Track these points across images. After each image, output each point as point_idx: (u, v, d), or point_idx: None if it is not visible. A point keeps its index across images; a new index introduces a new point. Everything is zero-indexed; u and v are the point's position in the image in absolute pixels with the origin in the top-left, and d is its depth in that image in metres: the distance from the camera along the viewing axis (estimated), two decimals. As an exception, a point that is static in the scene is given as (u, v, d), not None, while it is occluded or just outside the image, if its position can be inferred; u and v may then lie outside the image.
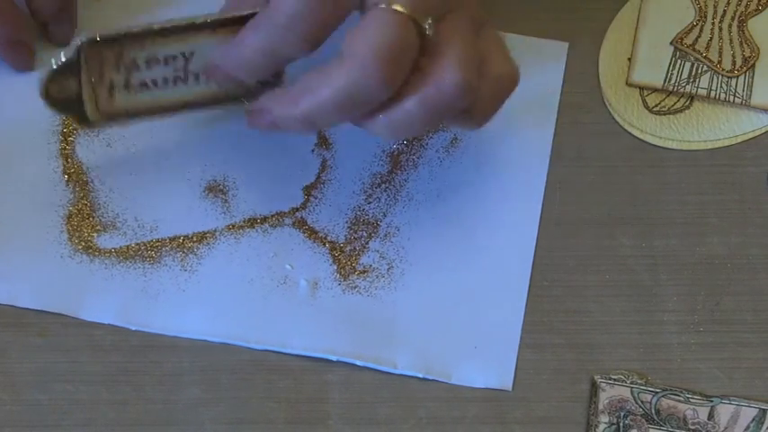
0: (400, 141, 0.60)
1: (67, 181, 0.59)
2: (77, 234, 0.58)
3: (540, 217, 0.59)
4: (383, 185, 0.59)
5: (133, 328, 0.56)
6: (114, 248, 0.58)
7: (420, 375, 0.56)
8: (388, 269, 0.58)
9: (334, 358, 0.56)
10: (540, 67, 0.61)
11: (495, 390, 0.56)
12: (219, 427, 0.55)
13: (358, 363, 0.56)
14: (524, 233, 0.59)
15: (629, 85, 0.61)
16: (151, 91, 0.55)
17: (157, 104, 0.55)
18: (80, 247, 0.58)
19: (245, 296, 0.57)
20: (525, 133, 0.60)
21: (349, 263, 0.58)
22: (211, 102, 0.56)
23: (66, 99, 0.54)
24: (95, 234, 0.58)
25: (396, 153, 0.60)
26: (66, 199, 0.59)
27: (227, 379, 0.56)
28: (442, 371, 0.56)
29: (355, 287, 0.58)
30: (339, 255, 0.58)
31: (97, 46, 0.53)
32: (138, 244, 0.58)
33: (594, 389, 0.56)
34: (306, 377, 0.56)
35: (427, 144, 0.60)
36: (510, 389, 0.56)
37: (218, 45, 0.54)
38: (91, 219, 0.58)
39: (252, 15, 0.53)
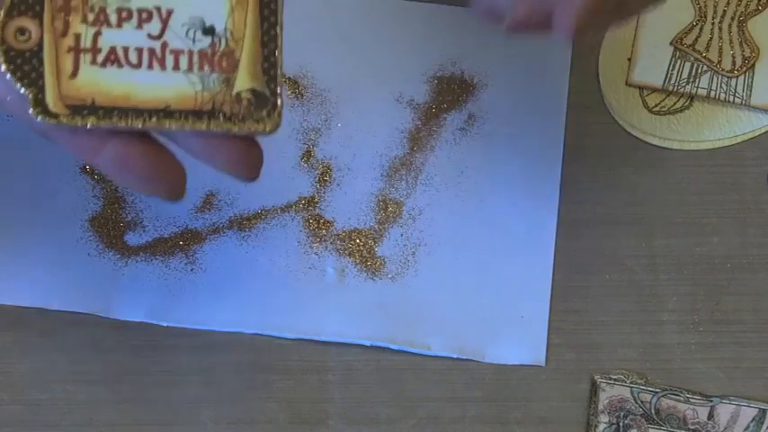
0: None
1: (89, 177, 0.59)
2: (104, 232, 0.58)
3: (541, 216, 0.59)
4: (403, 168, 0.59)
5: (165, 325, 0.57)
6: (141, 245, 0.58)
7: (454, 356, 0.57)
8: (413, 252, 0.58)
9: (367, 343, 0.56)
10: (548, 45, 0.61)
11: (496, 389, 0.56)
12: (219, 427, 0.55)
13: (392, 347, 0.56)
14: (545, 205, 0.59)
15: (629, 85, 0.61)
16: (122, 70, 0.46)
17: (128, 97, 0.46)
18: (107, 245, 0.57)
19: (275, 287, 0.57)
20: (539, 109, 0.60)
21: (375, 248, 0.58)
22: (192, 115, 0.46)
23: (24, 52, 0.46)
24: (122, 231, 0.58)
25: (413, 134, 0.60)
26: (89, 196, 0.58)
27: (227, 379, 0.56)
28: (475, 350, 0.57)
29: (383, 272, 0.58)
30: (365, 240, 0.58)
31: None
32: (164, 239, 0.58)
33: (594, 389, 0.56)
34: (306, 377, 0.56)
35: (443, 124, 0.60)
36: (543, 364, 0.57)
37: (196, 1, 0.46)
38: (117, 216, 0.58)
39: None
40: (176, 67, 0.46)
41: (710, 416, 0.55)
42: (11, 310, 0.56)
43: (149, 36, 0.46)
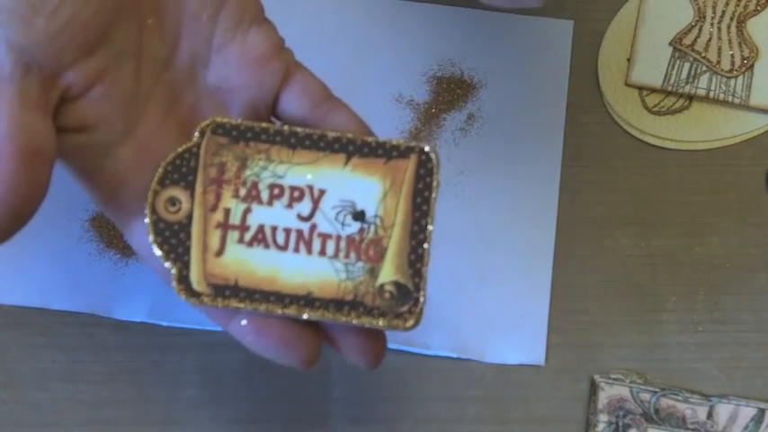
0: None
1: None
2: (104, 232, 0.58)
3: (540, 217, 0.59)
4: None
5: (165, 325, 0.57)
6: None
7: (454, 356, 0.57)
8: None
9: None
10: (547, 46, 0.61)
11: (496, 389, 0.56)
12: (219, 427, 0.55)
13: (392, 346, 0.56)
14: (545, 205, 0.59)
15: (628, 85, 0.61)
16: (268, 251, 0.44)
17: (272, 280, 0.44)
18: (107, 245, 0.57)
19: None
20: (538, 109, 0.60)
21: None
22: (332, 304, 0.44)
23: (173, 224, 0.44)
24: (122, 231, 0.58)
25: (413, 134, 0.60)
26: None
27: (227, 379, 0.56)
28: (475, 350, 0.57)
29: None
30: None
31: (219, 140, 0.45)
32: None
33: (594, 388, 0.56)
34: (306, 377, 0.56)
35: (443, 124, 0.60)
36: (543, 364, 0.57)
37: (350, 184, 0.45)
38: None
39: (417, 151, 0.45)
40: (323, 252, 0.44)
41: (710, 415, 0.55)
42: (11, 310, 0.56)
43: (299, 217, 0.44)
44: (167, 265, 0.44)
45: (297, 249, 0.44)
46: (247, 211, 0.44)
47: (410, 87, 0.60)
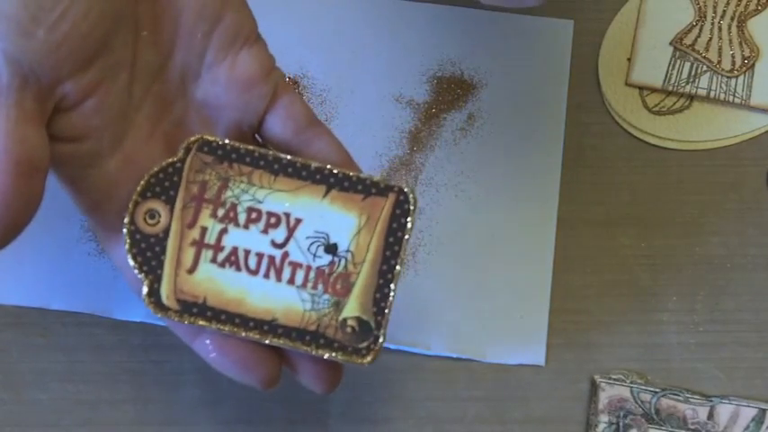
0: None
1: None
2: None
3: (540, 217, 0.59)
4: (403, 168, 0.59)
5: (165, 324, 0.56)
6: None
7: (454, 356, 0.57)
8: (413, 253, 0.58)
9: None
10: (547, 46, 0.61)
11: (496, 389, 0.56)
12: (219, 427, 0.55)
13: (392, 347, 0.56)
14: (545, 205, 0.59)
15: (628, 85, 0.61)
16: (239, 274, 0.45)
17: (239, 303, 0.45)
18: None
19: None
20: (538, 109, 0.60)
21: None
22: (294, 332, 0.45)
23: (150, 236, 0.45)
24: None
25: (413, 134, 0.60)
26: None
27: (228, 379, 0.56)
28: (475, 350, 0.57)
29: None
30: None
31: (204, 158, 0.46)
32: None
33: (594, 388, 0.56)
34: (306, 377, 0.56)
35: (443, 124, 0.60)
36: (543, 364, 0.57)
37: (326, 216, 0.46)
38: None
39: (396, 191, 0.46)
40: (292, 280, 0.45)
41: (710, 416, 0.55)
42: (11, 310, 0.56)
43: (273, 243, 0.45)
44: (140, 276, 0.45)
45: (267, 275, 0.45)
46: (223, 231, 0.45)
47: (410, 87, 0.60)
